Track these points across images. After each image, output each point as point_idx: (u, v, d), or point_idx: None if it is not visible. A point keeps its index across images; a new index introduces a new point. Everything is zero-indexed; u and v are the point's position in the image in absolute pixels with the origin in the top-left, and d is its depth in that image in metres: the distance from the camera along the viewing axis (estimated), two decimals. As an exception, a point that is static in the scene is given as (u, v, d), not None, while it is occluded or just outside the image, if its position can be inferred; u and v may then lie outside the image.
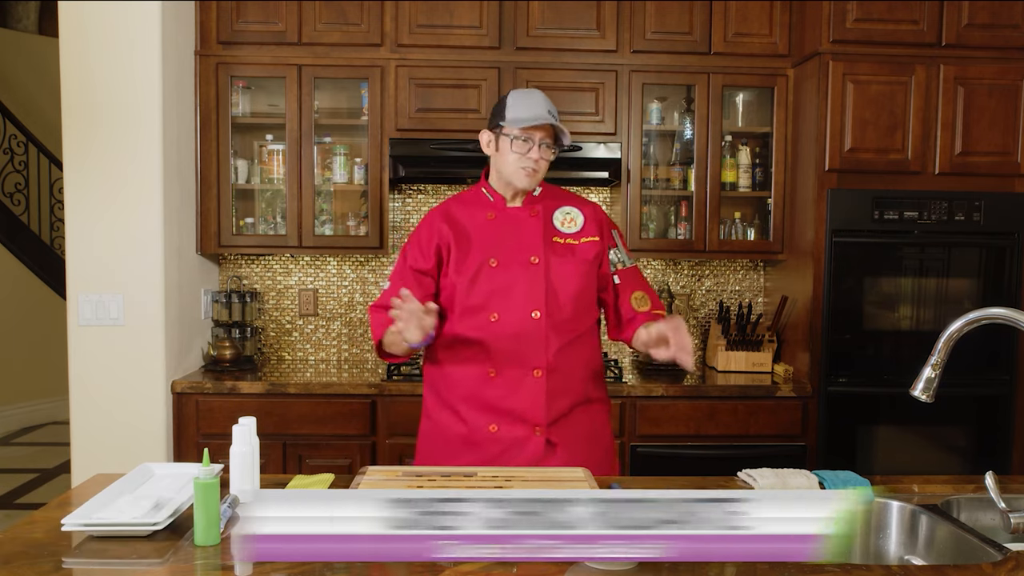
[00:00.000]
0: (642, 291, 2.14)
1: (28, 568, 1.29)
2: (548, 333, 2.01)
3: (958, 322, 1.52)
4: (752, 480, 1.76)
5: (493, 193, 2.12)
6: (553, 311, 2.02)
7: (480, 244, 2.06)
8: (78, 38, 2.92)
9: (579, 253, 2.09)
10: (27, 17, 7.22)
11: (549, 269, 2.04)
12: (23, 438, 5.94)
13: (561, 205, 2.14)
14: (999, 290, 3.11)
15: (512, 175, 2.04)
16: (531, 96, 2.05)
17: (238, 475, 1.63)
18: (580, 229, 2.11)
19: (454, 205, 2.14)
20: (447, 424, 2.08)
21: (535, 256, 2.04)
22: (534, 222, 2.09)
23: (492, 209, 2.10)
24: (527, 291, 2.02)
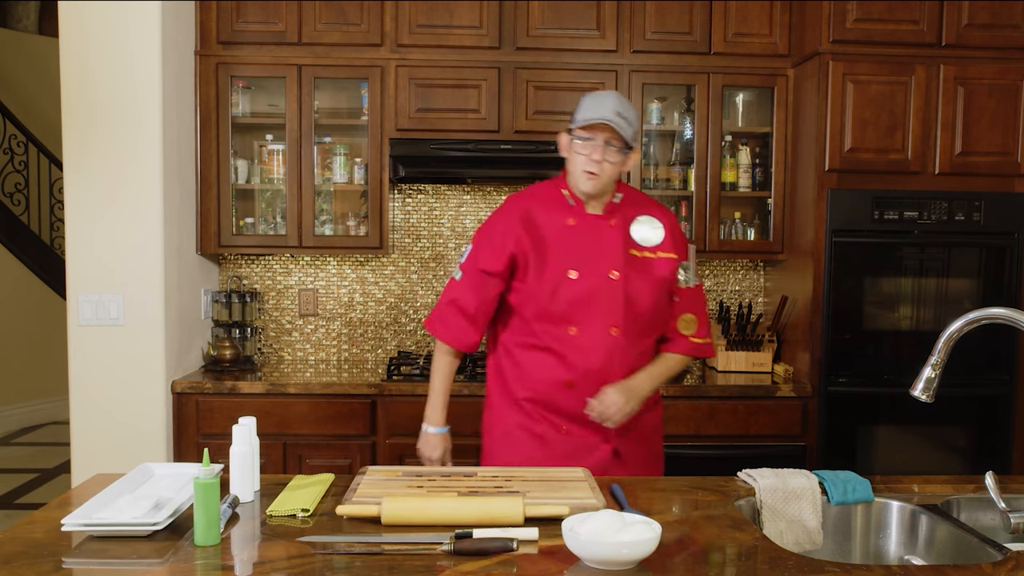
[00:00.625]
0: (693, 314, 2.12)
1: (28, 568, 1.29)
2: (625, 348, 2.02)
3: (958, 322, 1.52)
4: (752, 480, 1.76)
5: (573, 196, 2.06)
6: (629, 327, 2.02)
7: (560, 253, 2.01)
8: (78, 38, 2.92)
9: (656, 269, 2.05)
10: (27, 17, 7.22)
11: (628, 285, 2.01)
12: (23, 438, 5.95)
13: (640, 214, 2.08)
14: (999, 290, 3.11)
15: (579, 179, 2.01)
16: (601, 97, 1.99)
17: (238, 475, 1.63)
18: (659, 243, 2.07)
19: (533, 205, 2.08)
20: (516, 420, 2.09)
21: (615, 271, 2.01)
22: (614, 233, 2.04)
23: (572, 214, 2.05)
24: (607, 307, 2.00)
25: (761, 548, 1.42)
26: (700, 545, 1.43)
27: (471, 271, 2.08)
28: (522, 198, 2.11)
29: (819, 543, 1.70)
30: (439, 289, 3.63)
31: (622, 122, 1.94)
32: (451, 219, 3.63)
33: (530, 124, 3.27)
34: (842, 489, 1.74)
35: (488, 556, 1.35)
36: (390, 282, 3.64)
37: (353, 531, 1.48)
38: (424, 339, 3.65)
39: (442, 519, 1.48)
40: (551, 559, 1.35)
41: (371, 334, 3.64)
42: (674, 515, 1.57)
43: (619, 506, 1.61)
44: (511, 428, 2.10)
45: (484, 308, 2.09)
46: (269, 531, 1.49)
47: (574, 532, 1.32)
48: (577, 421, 2.03)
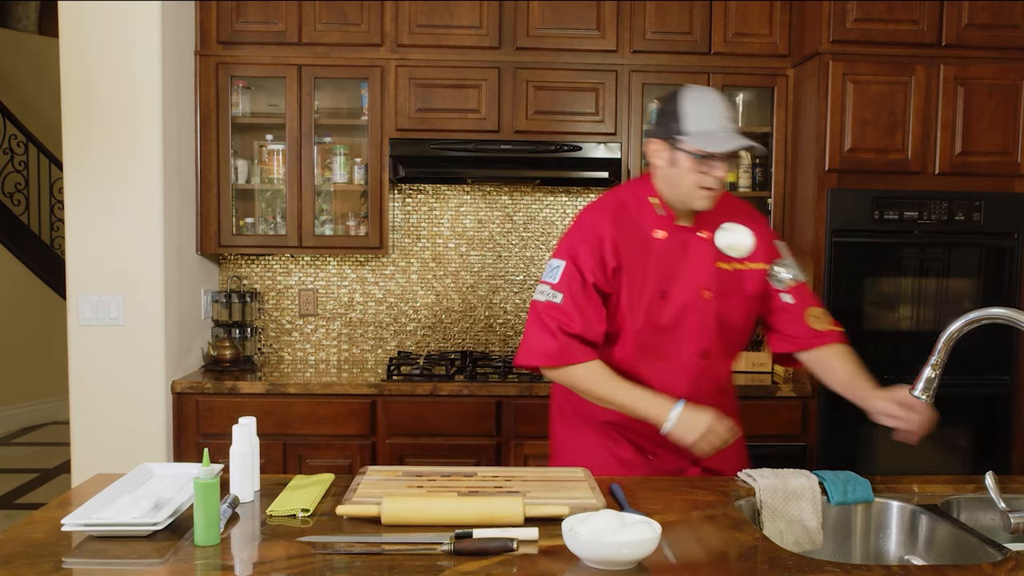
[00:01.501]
0: (817, 307, 1.96)
1: (28, 568, 1.29)
2: (712, 372, 1.92)
3: (958, 322, 1.52)
4: (752, 480, 1.76)
5: (664, 206, 1.88)
6: (718, 349, 1.92)
7: (650, 271, 1.86)
8: (78, 38, 2.92)
9: (746, 283, 1.91)
10: (27, 17, 7.22)
11: (719, 305, 1.88)
12: (23, 438, 5.95)
13: (726, 220, 1.92)
14: (999, 290, 3.11)
15: (689, 196, 1.83)
16: (712, 103, 1.80)
17: (238, 475, 1.63)
18: (748, 252, 1.92)
19: (622, 215, 1.89)
20: (596, 441, 1.97)
21: (707, 291, 1.87)
22: (704, 247, 1.89)
23: (661, 226, 1.88)
24: (697, 331, 1.87)
25: (761, 548, 1.42)
26: (700, 545, 1.43)
27: (575, 287, 1.85)
28: (607, 207, 1.91)
29: (819, 543, 1.70)
30: (439, 289, 3.63)
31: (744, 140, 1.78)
32: (451, 219, 3.63)
33: (530, 124, 3.27)
34: (842, 489, 1.74)
35: (488, 556, 1.35)
36: (390, 282, 3.64)
37: (353, 531, 1.48)
38: (424, 339, 3.65)
39: (442, 519, 1.48)
40: (551, 559, 1.35)
41: (371, 334, 3.64)
42: (674, 515, 1.57)
43: (619, 506, 1.61)
44: (591, 449, 1.98)
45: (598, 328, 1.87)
46: (269, 531, 1.49)
47: (574, 532, 1.32)
48: (664, 446, 1.89)
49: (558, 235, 3.64)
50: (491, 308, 3.66)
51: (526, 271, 3.65)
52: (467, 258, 3.64)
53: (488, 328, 3.66)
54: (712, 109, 1.80)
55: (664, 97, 1.88)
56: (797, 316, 1.95)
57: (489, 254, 3.65)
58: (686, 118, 1.79)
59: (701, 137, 1.78)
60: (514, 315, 3.66)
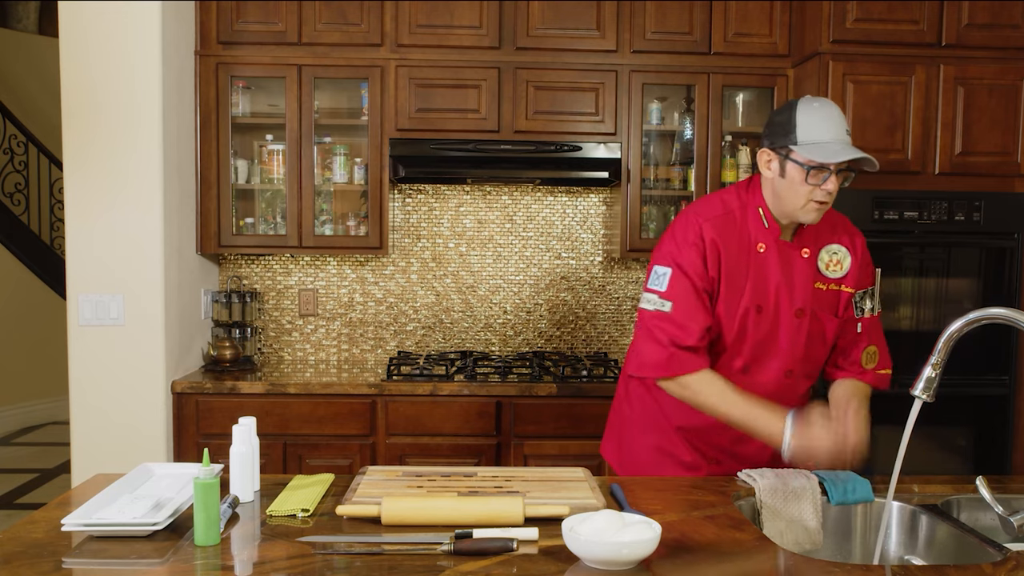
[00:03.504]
0: (875, 346, 1.95)
1: (28, 568, 1.29)
2: (794, 389, 1.92)
3: (958, 322, 1.52)
4: (752, 480, 1.76)
5: (770, 219, 1.86)
6: (802, 368, 1.91)
7: (748, 282, 1.83)
8: (78, 38, 2.92)
9: (840, 305, 1.90)
10: (27, 17, 7.22)
11: (812, 325, 1.86)
12: (23, 438, 5.94)
13: (829, 242, 1.90)
14: (999, 290, 3.11)
15: (798, 209, 1.80)
16: (827, 114, 1.76)
17: (238, 475, 1.63)
18: (844, 275, 1.90)
19: (727, 222, 1.85)
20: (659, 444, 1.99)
21: (802, 309, 1.85)
22: (805, 266, 1.87)
23: (764, 239, 1.85)
24: (788, 348, 1.86)
25: (761, 548, 1.42)
26: (700, 545, 1.43)
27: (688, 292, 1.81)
28: (711, 212, 1.87)
29: (819, 543, 1.70)
30: (439, 289, 3.63)
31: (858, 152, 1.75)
32: (451, 219, 3.63)
33: (530, 124, 3.27)
34: (842, 489, 1.74)
35: (488, 556, 1.35)
36: (390, 282, 3.64)
37: (353, 531, 1.48)
38: (424, 339, 3.65)
39: (442, 519, 1.48)
40: (551, 559, 1.35)
41: (371, 334, 3.64)
42: (674, 515, 1.57)
43: (619, 506, 1.61)
44: (653, 452, 1.99)
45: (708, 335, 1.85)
46: (269, 531, 1.49)
47: (574, 532, 1.32)
48: (734, 456, 1.92)
49: (558, 235, 3.65)
50: (491, 308, 3.66)
51: (526, 271, 3.65)
52: (467, 258, 3.64)
53: (488, 328, 3.66)
54: (827, 120, 1.76)
55: (779, 107, 1.87)
56: (858, 349, 1.95)
57: (489, 254, 3.65)
58: (799, 128, 1.76)
59: (813, 148, 1.74)
60: (514, 315, 3.66)
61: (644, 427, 2.05)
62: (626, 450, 2.10)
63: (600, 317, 3.67)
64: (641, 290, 1.91)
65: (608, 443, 2.19)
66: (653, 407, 2.02)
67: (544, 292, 3.66)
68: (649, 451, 2.03)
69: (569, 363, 3.31)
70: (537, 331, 3.67)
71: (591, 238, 3.66)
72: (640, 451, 2.05)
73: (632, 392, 2.10)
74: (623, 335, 3.68)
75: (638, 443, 2.06)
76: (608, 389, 3.04)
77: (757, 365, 1.88)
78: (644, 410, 2.05)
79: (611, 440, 2.17)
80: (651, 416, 2.03)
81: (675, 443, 2.00)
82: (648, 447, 2.04)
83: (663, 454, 2.01)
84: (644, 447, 2.05)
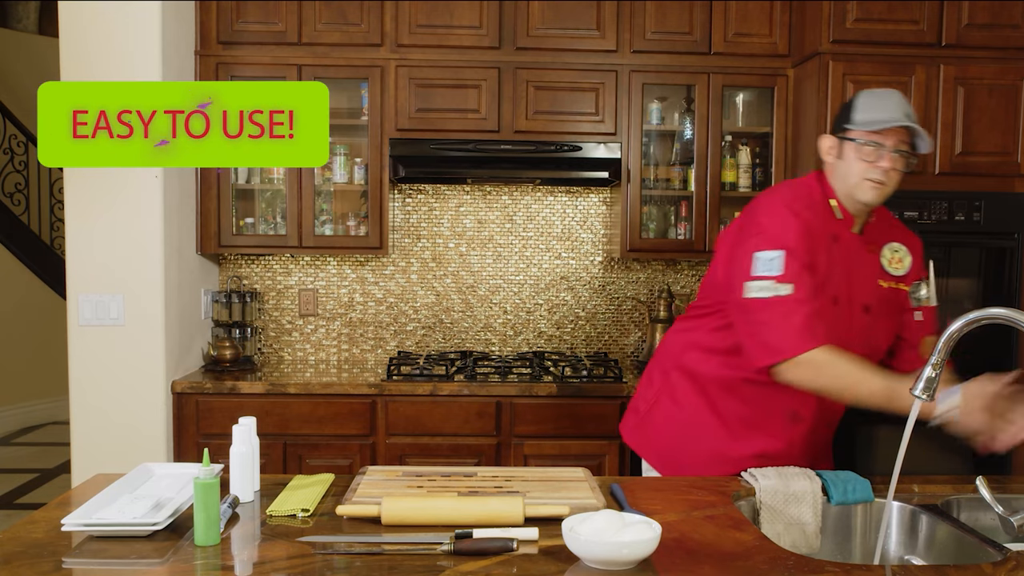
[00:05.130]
0: (934, 336, 1.87)
1: (28, 568, 1.29)
2: None
3: (958, 322, 1.52)
4: (753, 480, 1.76)
5: (842, 209, 1.86)
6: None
7: (828, 273, 1.82)
8: (78, 38, 2.92)
9: (901, 303, 1.91)
10: (27, 17, 7.22)
11: (875, 321, 1.86)
12: (23, 438, 5.94)
13: (891, 239, 1.92)
14: (999, 290, 3.11)
15: (856, 187, 1.80)
16: (887, 97, 1.79)
17: (238, 475, 1.63)
18: (907, 273, 1.91)
19: (810, 209, 1.84)
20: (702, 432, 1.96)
21: (869, 305, 1.85)
22: (872, 261, 1.87)
23: (836, 231, 1.85)
24: (853, 343, 1.81)
25: (761, 548, 1.42)
26: (700, 545, 1.43)
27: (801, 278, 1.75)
28: (796, 198, 1.84)
29: (816, 547, 1.70)
30: (439, 289, 3.63)
31: (914, 123, 1.75)
32: (451, 219, 3.63)
33: (530, 124, 3.27)
34: (842, 489, 1.74)
35: (488, 556, 1.35)
36: (390, 282, 3.64)
37: (353, 531, 1.48)
38: (424, 339, 3.65)
39: (442, 519, 1.48)
40: (551, 559, 1.35)
41: (371, 334, 3.64)
42: (674, 515, 1.57)
43: (619, 506, 1.61)
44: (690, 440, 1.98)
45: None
46: (269, 531, 1.49)
47: (574, 532, 1.32)
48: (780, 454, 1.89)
49: (558, 235, 3.64)
50: (491, 308, 3.66)
51: (526, 271, 3.65)
52: (467, 258, 3.64)
53: (488, 328, 3.66)
54: (887, 100, 1.78)
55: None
56: (916, 338, 1.93)
57: (489, 254, 3.65)
58: (857, 110, 1.79)
59: (867, 123, 1.76)
60: (514, 315, 3.66)
61: (686, 417, 1.99)
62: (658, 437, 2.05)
63: (600, 317, 3.67)
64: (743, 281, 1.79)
65: (635, 429, 2.11)
66: (700, 400, 1.97)
67: (544, 292, 3.66)
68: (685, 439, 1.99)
69: (569, 363, 3.31)
70: (537, 331, 3.67)
71: (591, 238, 3.66)
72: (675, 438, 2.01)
73: (676, 384, 2.03)
74: (623, 335, 3.68)
75: (674, 430, 2.01)
76: (608, 389, 3.04)
77: None
78: (688, 402, 1.99)
79: (639, 427, 2.10)
80: (695, 408, 1.98)
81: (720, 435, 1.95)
82: (686, 436, 1.99)
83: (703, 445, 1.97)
84: (681, 435, 2.00)
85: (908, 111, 1.77)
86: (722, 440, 1.97)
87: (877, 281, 1.87)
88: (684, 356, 2.04)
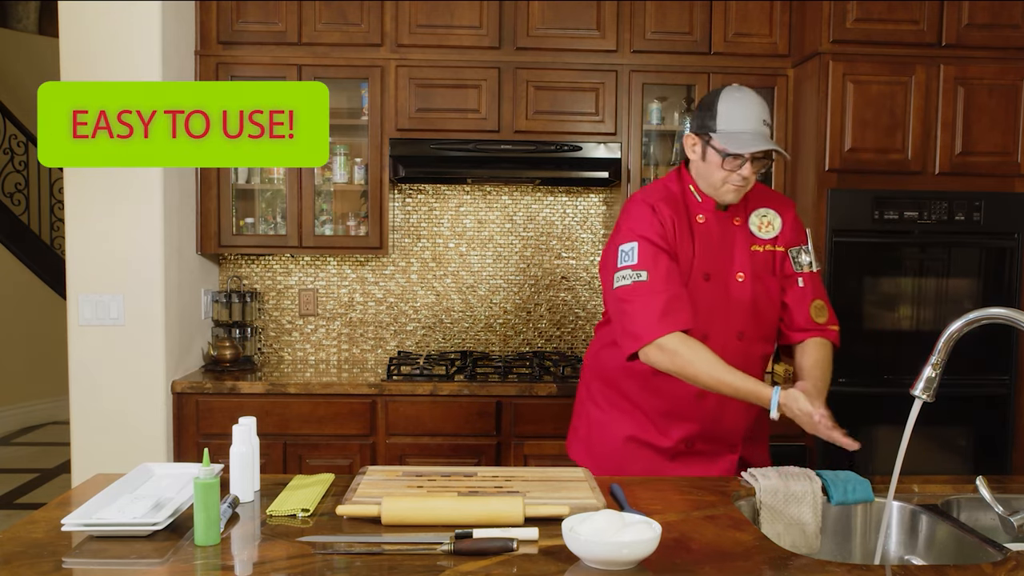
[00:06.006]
0: (822, 300, 2.01)
1: (28, 568, 1.29)
2: (749, 353, 1.96)
3: (958, 322, 1.52)
4: (753, 480, 1.76)
5: (701, 193, 1.96)
6: (754, 330, 1.97)
7: (695, 253, 1.93)
8: (78, 38, 2.92)
9: (776, 263, 1.99)
10: (27, 17, 7.22)
11: (754, 287, 1.94)
12: (23, 438, 5.94)
13: (758, 207, 2.00)
14: (999, 290, 3.11)
15: (718, 190, 1.92)
16: (746, 103, 1.87)
17: (238, 475, 1.63)
18: (777, 235, 1.99)
19: (669, 199, 1.96)
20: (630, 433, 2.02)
21: (742, 273, 1.94)
22: (740, 232, 1.97)
23: (702, 211, 1.96)
24: (734, 312, 1.93)
25: (761, 548, 1.42)
26: (700, 545, 1.43)
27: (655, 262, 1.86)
28: (655, 192, 1.99)
29: (816, 548, 1.70)
30: (439, 289, 3.63)
31: (768, 132, 1.86)
32: (451, 219, 3.63)
33: (530, 124, 3.27)
34: (842, 489, 1.74)
35: (488, 556, 1.35)
36: (390, 282, 3.64)
37: (353, 531, 1.48)
38: (424, 339, 3.65)
39: (442, 519, 1.48)
40: (551, 559, 1.35)
41: (371, 334, 3.64)
42: (674, 515, 1.57)
43: (619, 506, 1.61)
44: (624, 442, 2.03)
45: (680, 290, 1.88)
46: (269, 531, 1.49)
47: (574, 532, 1.32)
48: (703, 435, 1.98)
49: (558, 235, 3.65)
50: (491, 308, 3.66)
51: (526, 271, 3.65)
52: (467, 258, 3.64)
53: (488, 328, 3.66)
54: (745, 110, 1.86)
55: (707, 93, 1.98)
56: (804, 303, 2.00)
57: (489, 254, 3.65)
58: (719, 117, 1.87)
59: (730, 137, 1.85)
60: (514, 315, 3.66)
61: (613, 421, 2.07)
62: (597, 447, 2.11)
63: (600, 317, 3.67)
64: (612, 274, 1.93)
65: (576, 444, 2.20)
66: (620, 401, 2.06)
67: (544, 292, 3.66)
68: (620, 442, 2.06)
69: (569, 363, 3.31)
70: (537, 331, 3.67)
71: (591, 238, 3.66)
72: (611, 444, 2.07)
73: (595, 392, 2.13)
74: (623, 335, 3.68)
75: (609, 437, 2.08)
76: (608, 389, 3.04)
77: (712, 330, 1.92)
78: (611, 405, 2.08)
79: (578, 442, 2.19)
80: (619, 409, 2.06)
81: (647, 430, 2.02)
82: (619, 439, 2.06)
83: (636, 443, 2.03)
84: (615, 439, 2.07)
85: (765, 117, 1.87)
86: (650, 434, 2.02)
87: (750, 248, 1.96)
88: (599, 359, 2.13)
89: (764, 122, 1.87)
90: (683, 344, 1.83)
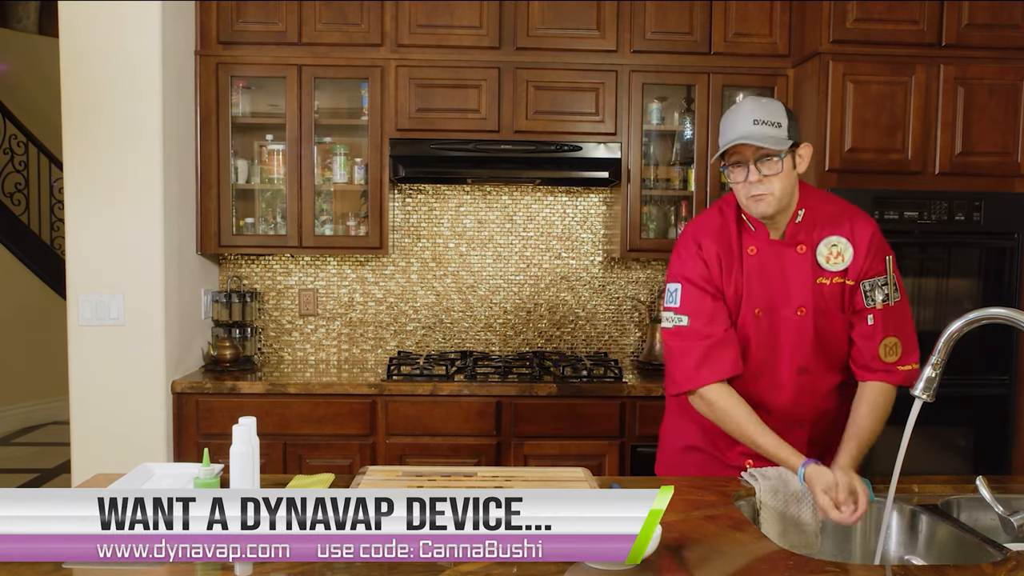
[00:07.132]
0: (896, 338, 1.84)
1: (28, 568, 1.29)
2: (814, 387, 1.87)
3: (958, 322, 1.52)
4: (753, 480, 1.76)
5: (753, 221, 1.86)
6: (817, 364, 1.86)
7: (744, 288, 1.85)
8: (78, 38, 2.92)
9: (845, 298, 1.84)
10: (27, 17, 7.22)
11: (817, 321, 1.83)
12: (23, 438, 5.94)
13: (828, 234, 1.84)
14: (999, 290, 3.11)
15: (745, 206, 1.83)
16: (736, 109, 1.80)
17: (238, 475, 1.63)
18: (847, 267, 1.84)
19: (721, 230, 1.88)
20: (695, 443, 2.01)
21: (803, 308, 1.83)
22: (804, 263, 1.84)
23: (755, 242, 1.86)
24: (794, 346, 1.84)
25: (761, 548, 1.42)
26: (700, 545, 1.43)
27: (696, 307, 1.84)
28: (707, 224, 1.92)
29: (816, 547, 1.70)
30: (439, 289, 3.63)
31: (761, 129, 1.74)
32: (451, 219, 3.63)
33: (530, 124, 3.27)
34: (842, 489, 1.73)
35: (488, 556, 1.35)
36: (390, 282, 3.64)
37: (353, 531, 1.47)
38: (424, 339, 3.65)
39: (442, 519, 1.48)
40: (551, 559, 1.35)
41: (371, 334, 3.64)
42: (674, 515, 1.57)
43: (619, 506, 1.60)
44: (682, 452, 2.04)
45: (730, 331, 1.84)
46: (269, 531, 1.48)
47: (574, 532, 1.31)
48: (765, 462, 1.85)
49: (558, 235, 3.65)
50: (491, 308, 3.66)
51: (526, 271, 3.65)
52: (467, 258, 3.64)
53: (488, 328, 3.66)
54: (734, 115, 1.79)
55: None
56: (872, 342, 1.85)
57: (489, 254, 3.65)
58: (720, 132, 1.83)
59: (719, 147, 1.80)
60: (514, 315, 3.66)
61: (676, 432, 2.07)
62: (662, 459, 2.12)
63: (600, 317, 3.67)
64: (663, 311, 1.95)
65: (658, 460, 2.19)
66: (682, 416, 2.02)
67: (544, 292, 3.66)
68: (678, 453, 2.05)
69: (569, 363, 3.31)
70: (537, 331, 3.67)
71: (591, 238, 3.66)
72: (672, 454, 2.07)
73: (668, 409, 2.13)
74: (623, 335, 3.68)
75: (669, 447, 2.09)
76: (608, 389, 3.04)
77: (767, 367, 1.86)
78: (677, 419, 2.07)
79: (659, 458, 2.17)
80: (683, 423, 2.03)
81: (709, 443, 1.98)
82: (678, 449, 2.05)
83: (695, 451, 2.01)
84: (674, 449, 2.06)
85: (757, 116, 1.75)
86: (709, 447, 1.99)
87: (815, 280, 1.84)
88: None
89: (755, 121, 1.75)
90: (721, 398, 1.80)
